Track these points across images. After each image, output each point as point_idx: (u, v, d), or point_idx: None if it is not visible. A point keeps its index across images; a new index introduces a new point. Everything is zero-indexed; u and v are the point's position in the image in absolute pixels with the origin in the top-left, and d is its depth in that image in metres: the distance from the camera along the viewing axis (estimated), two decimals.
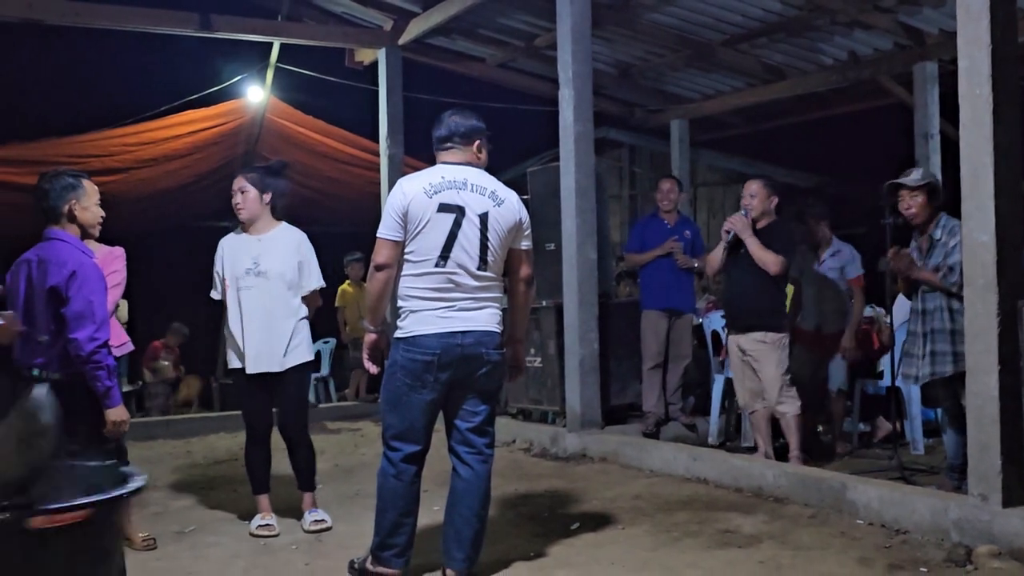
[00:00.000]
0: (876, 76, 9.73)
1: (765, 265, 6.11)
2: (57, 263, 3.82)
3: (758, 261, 6.13)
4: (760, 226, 6.26)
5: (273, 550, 4.88)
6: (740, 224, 6.24)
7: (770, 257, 6.11)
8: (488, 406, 4.27)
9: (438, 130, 4.30)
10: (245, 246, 5.24)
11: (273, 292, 5.17)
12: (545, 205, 7.79)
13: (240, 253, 5.22)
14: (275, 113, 11.33)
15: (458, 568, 4.15)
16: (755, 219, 6.27)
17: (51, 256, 3.86)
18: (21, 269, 3.92)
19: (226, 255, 5.25)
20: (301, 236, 5.34)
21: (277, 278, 5.16)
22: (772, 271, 6.11)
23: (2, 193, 10.37)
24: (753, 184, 6.40)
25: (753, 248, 6.16)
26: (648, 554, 4.54)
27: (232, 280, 5.17)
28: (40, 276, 3.82)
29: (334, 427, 9.24)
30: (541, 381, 7.97)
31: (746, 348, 6.25)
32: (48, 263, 3.83)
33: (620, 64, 10.79)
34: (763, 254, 6.12)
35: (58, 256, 3.86)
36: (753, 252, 6.15)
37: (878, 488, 5.06)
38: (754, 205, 6.29)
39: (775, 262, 6.10)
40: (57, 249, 3.90)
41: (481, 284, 4.15)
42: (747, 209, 6.29)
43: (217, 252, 5.31)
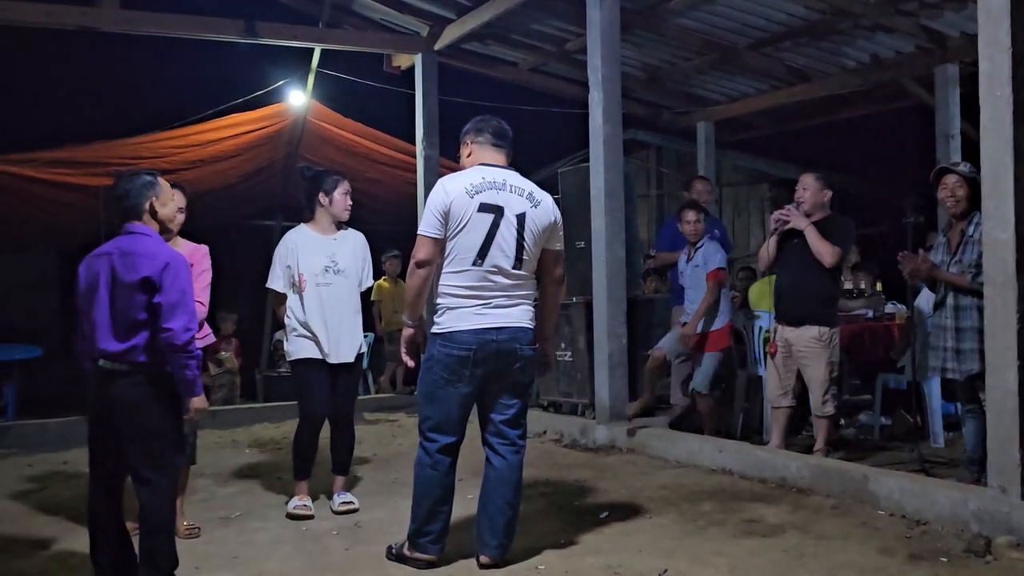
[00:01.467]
0: (898, 78, 9.79)
1: (821, 256, 5.97)
2: (146, 255, 3.86)
3: (814, 251, 5.99)
4: (814, 219, 6.12)
5: (315, 536, 5.02)
6: (795, 217, 6.12)
7: (826, 248, 5.97)
8: (521, 399, 4.40)
9: (480, 127, 4.41)
10: (320, 244, 5.48)
11: (349, 288, 5.48)
12: (575, 204, 7.93)
13: (315, 251, 5.45)
14: (316, 116, 11.49)
15: (491, 554, 4.28)
16: (807, 213, 6.14)
17: (137, 249, 3.89)
18: (101, 261, 3.92)
19: (300, 251, 5.45)
20: (363, 237, 5.66)
21: (353, 276, 5.49)
22: (827, 262, 5.99)
23: (57, 192, 10.64)
24: (807, 177, 6.23)
25: (812, 237, 6.01)
26: (675, 542, 4.63)
27: (310, 276, 5.39)
28: (126, 268, 3.85)
29: (372, 418, 9.41)
30: (571, 375, 8.11)
31: (795, 343, 6.14)
32: (135, 256, 3.86)
33: (648, 67, 10.89)
34: (821, 245, 5.98)
35: (146, 249, 3.90)
36: (811, 241, 6.00)
37: (899, 480, 5.13)
38: (807, 198, 6.15)
39: (831, 253, 5.97)
40: (142, 242, 3.93)
41: (516, 282, 4.27)
42: (799, 202, 6.17)
43: (284, 246, 5.51)
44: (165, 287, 3.82)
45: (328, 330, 5.40)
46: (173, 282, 3.83)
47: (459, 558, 4.40)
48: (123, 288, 3.84)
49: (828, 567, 4.17)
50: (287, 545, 4.85)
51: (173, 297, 3.82)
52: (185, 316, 3.85)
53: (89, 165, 10.32)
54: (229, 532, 5.13)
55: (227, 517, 5.46)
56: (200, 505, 5.65)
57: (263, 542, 4.91)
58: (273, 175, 12.57)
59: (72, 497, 6.00)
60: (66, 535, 5.08)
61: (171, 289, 3.83)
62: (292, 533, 5.10)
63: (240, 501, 5.90)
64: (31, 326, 11.67)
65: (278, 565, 4.47)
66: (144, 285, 3.82)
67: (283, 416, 5.78)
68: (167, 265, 3.83)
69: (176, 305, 3.82)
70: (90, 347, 3.92)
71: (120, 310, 3.84)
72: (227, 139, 11.06)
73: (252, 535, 5.06)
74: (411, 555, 4.34)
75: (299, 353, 5.45)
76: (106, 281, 3.87)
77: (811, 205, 6.17)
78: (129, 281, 3.83)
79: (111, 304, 3.85)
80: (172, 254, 3.92)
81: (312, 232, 5.54)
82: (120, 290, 3.85)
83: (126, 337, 3.82)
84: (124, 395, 3.84)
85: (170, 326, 3.80)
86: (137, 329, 3.83)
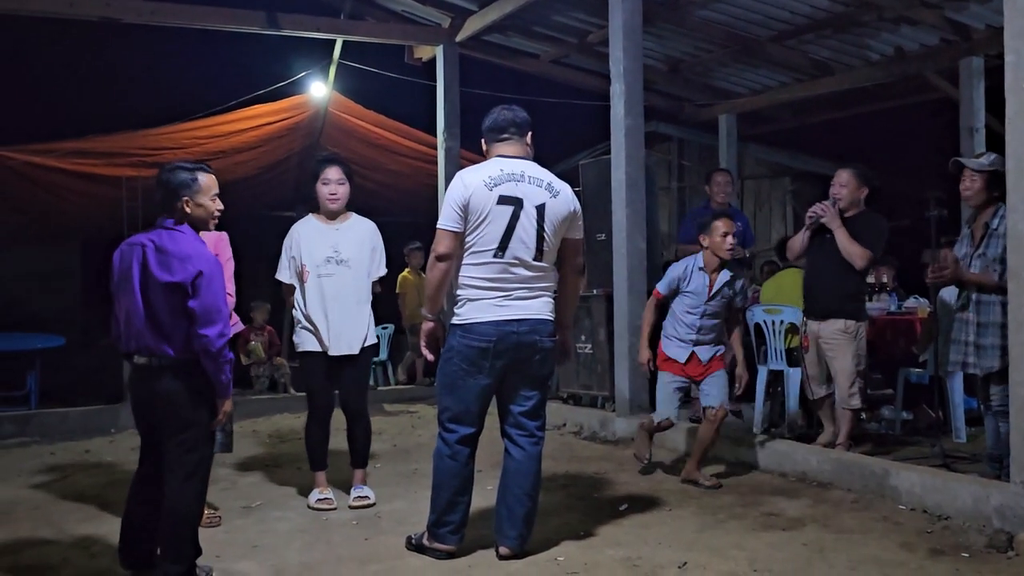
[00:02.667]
0: (922, 71, 9.71)
1: (851, 258, 5.90)
2: (180, 257, 3.86)
3: (844, 254, 5.92)
4: (848, 215, 6.04)
5: (334, 525, 5.04)
6: (829, 215, 6.02)
7: (857, 250, 5.89)
8: (540, 391, 4.40)
9: (494, 123, 4.39)
10: (322, 234, 5.45)
11: (355, 278, 5.42)
12: (596, 197, 7.93)
13: (317, 241, 5.42)
14: (337, 107, 11.52)
15: (510, 545, 4.29)
16: (843, 209, 6.05)
17: (172, 248, 3.89)
18: (135, 252, 3.92)
19: (303, 242, 5.44)
20: (373, 226, 5.58)
21: (357, 265, 5.40)
22: (858, 266, 5.92)
23: (80, 183, 10.71)
24: (844, 173, 6.11)
25: (841, 240, 5.93)
26: (694, 535, 4.63)
27: (312, 267, 5.37)
28: (160, 267, 3.86)
29: (392, 409, 9.48)
30: (591, 367, 8.11)
31: (822, 336, 6.11)
32: (170, 255, 3.87)
33: (670, 60, 10.87)
34: (851, 247, 5.90)
35: (180, 250, 3.90)
36: (841, 244, 5.93)
37: (920, 474, 5.11)
38: (844, 195, 6.04)
39: (861, 256, 5.89)
40: (177, 241, 3.93)
41: (536, 274, 4.27)
42: (836, 199, 6.07)
43: (289, 238, 5.51)
44: (200, 293, 3.85)
45: (328, 322, 5.37)
46: (208, 288, 3.86)
47: (478, 549, 4.41)
48: (155, 286, 3.87)
49: (848, 561, 4.16)
50: (307, 535, 4.87)
51: (208, 303, 3.86)
52: (221, 322, 3.89)
53: (112, 156, 10.39)
54: (249, 521, 5.16)
55: (248, 506, 5.49)
56: (221, 494, 5.68)
57: (283, 531, 4.94)
58: (294, 166, 12.61)
59: (93, 485, 6.05)
60: (88, 523, 5.12)
61: (206, 295, 3.85)
62: (312, 523, 5.12)
63: (260, 490, 5.94)
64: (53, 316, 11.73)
65: (298, 555, 4.49)
66: (177, 288, 3.85)
67: (303, 407, 5.83)
68: (201, 273, 3.85)
69: (211, 311, 3.85)
70: (125, 338, 3.96)
71: (153, 306, 3.88)
72: (249, 130, 11.12)
73: (272, 524, 5.09)
74: (431, 545, 4.36)
75: (303, 345, 5.47)
76: (138, 274, 3.90)
77: (848, 202, 6.07)
78: (162, 281, 3.86)
79: (144, 299, 3.89)
80: (207, 259, 3.93)
81: (316, 222, 5.53)
82: (152, 287, 3.88)
83: (165, 334, 3.86)
84: (164, 388, 3.91)
85: (206, 333, 3.83)
86: (175, 328, 3.87)
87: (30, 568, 4.31)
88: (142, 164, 10.22)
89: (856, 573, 3.99)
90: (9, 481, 6.35)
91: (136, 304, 3.89)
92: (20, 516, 5.35)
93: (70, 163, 10.33)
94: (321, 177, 5.45)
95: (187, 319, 3.85)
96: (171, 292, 3.85)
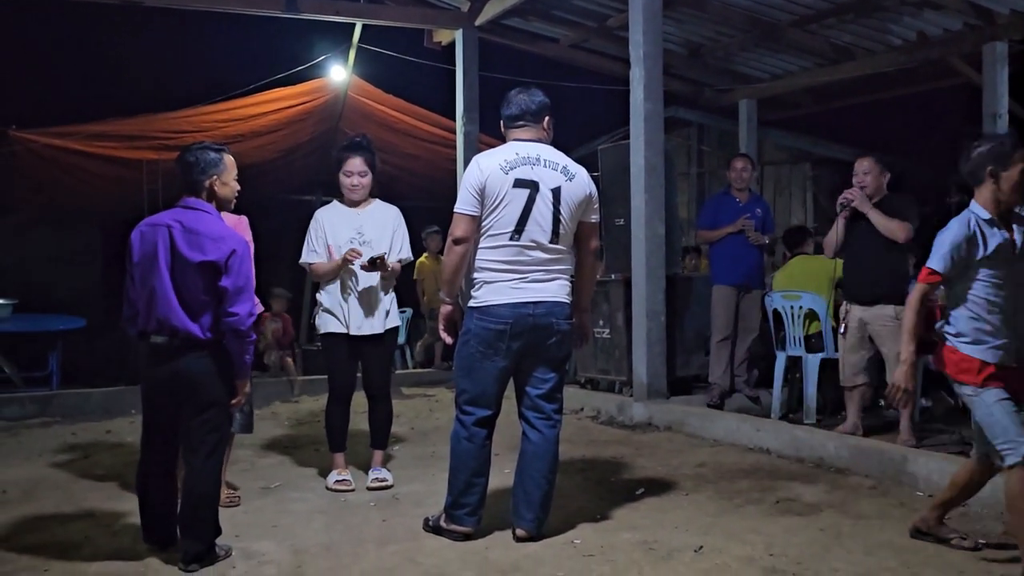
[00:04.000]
0: (945, 56, 9.62)
1: (893, 234, 5.97)
2: (213, 237, 3.89)
3: (885, 232, 5.99)
4: (874, 201, 6.14)
5: (353, 506, 5.08)
6: (859, 199, 6.10)
7: (896, 224, 5.98)
8: (557, 374, 4.41)
9: (508, 108, 4.41)
10: (346, 218, 5.48)
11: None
12: (615, 182, 7.91)
13: (341, 224, 5.46)
14: (357, 91, 11.53)
15: (527, 527, 4.30)
16: (869, 195, 6.15)
17: (201, 228, 3.91)
18: (159, 232, 3.94)
19: (327, 225, 5.47)
20: (397, 211, 5.61)
21: (380, 247, 5.41)
22: (901, 238, 5.99)
23: (101, 165, 10.78)
24: (865, 161, 6.22)
25: (877, 219, 6.01)
26: (711, 519, 4.62)
27: (336, 249, 5.40)
28: (190, 246, 3.88)
29: (410, 393, 9.52)
30: (609, 352, 8.12)
31: (870, 323, 6.12)
32: (200, 235, 3.89)
33: (690, 44, 10.82)
34: (889, 223, 5.99)
35: (211, 230, 3.92)
36: (878, 223, 6.01)
37: (939, 461, 5.10)
38: (868, 183, 6.15)
39: (902, 228, 5.98)
40: (204, 221, 3.95)
41: (552, 256, 4.28)
42: (862, 187, 6.16)
43: (315, 222, 5.53)
44: (232, 272, 3.89)
45: (350, 303, 5.42)
46: (240, 267, 3.90)
47: (495, 531, 4.43)
48: (185, 266, 3.90)
49: (865, 546, 4.15)
50: (325, 515, 4.90)
51: (240, 282, 3.91)
52: (249, 301, 3.95)
53: (132, 139, 10.46)
54: (268, 502, 5.19)
55: (267, 487, 5.53)
56: (241, 475, 5.72)
57: (301, 512, 4.97)
58: (313, 150, 12.64)
59: (114, 464, 6.11)
60: (109, 501, 5.17)
61: (238, 274, 3.90)
62: (330, 504, 5.15)
63: (279, 472, 5.98)
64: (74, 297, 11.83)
65: (316, 535, 4.52)
66: (209, 267, 3.88)
67: (321, 389, 5.89)
68: (234, 251, 3.89)
69: (242, 290, 3.90)
70: (144, 318, 3.99)
71: (182, 287, 3.91)
72: (268, 114, 11.15)
73: (291, 505, 5.13)
74: (447, 527, 4.38)
75: (325, 327, 5.49)
76: (166, 255, 3.93)
77: (873, 189, 6.16)
78: (193, 260, 3.89)
79: (172, 279, 3.91)
80: (238, 239, 3.97)
81: (340, 206, 5.56)
82: (181, 267, 3.91)
83: (193, 314, 3.90)
84: (191, 368, 3.94)
85: (236, 311, 3.88)
86: (203, 308, 3.91)
87: (53, 545, 4.35)
88: (162, 147, 10.28)
89: (873, 558, 3.98)
90: (32, 460, 6.43)
91: (164, 284, 3.91)
92: (43, 494, 5.40)
93: (91, 146, 10.40)
94: (344, 167, 5.47)
95: (216, 298, 3.89)
96: (203, 271, 3.88)
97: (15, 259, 11.97)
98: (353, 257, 5.30)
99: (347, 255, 5.30)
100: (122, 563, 4.06)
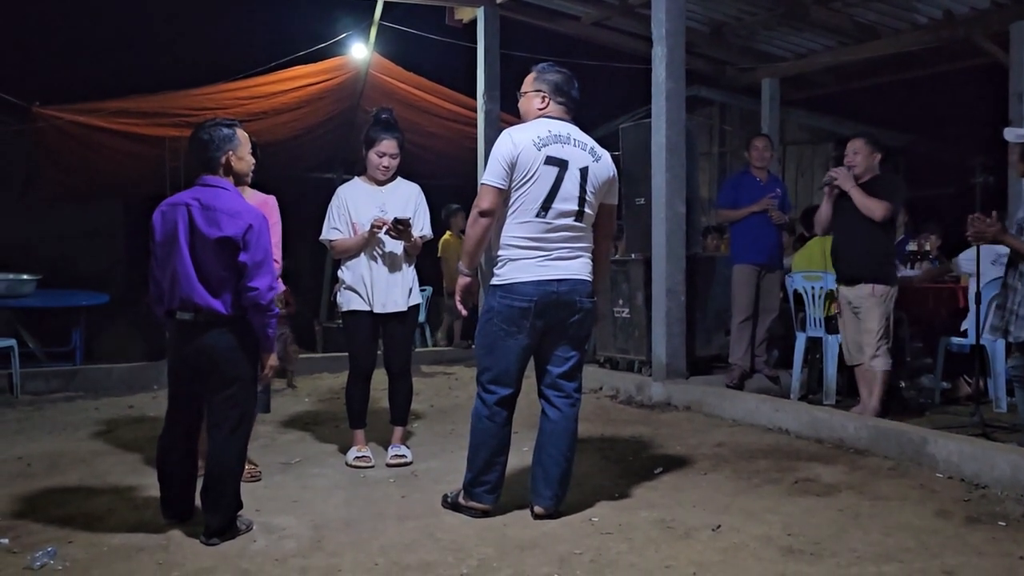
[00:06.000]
0: (971, 35, 9.52)
1: (870, 212, 6.11)
2: (229, 212, 3.91)
3: (863, 209, 6.13)
4: (863, 181, 6.26)
5: (372, 482, 5.11)
6: (842, 176, 6.26)
7: (874, 203, 6.11)
8: (578, 352, 4.40)
9: (559, 82, 4.37)
10: (368, 195, 5.49)
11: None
12: (636, 161, 7.88)
13: (364, 201, 5.47)
14: (378, 69, 11.52)
15: (545, 505, 4.32)
16: (859, 175, 6.27)
17: (218, 204, 3.93)
18: (178, 212, 3.96)
19: (350, 202, 5.48)
20: (418, 188, 5.63)
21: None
22: (878, 216, 6.11)
23: (123, 142, 10.82)
24: (856, 142, 6.37)
25: (857, 197, 6.16)
26: (729, 499, 4.62)
27: (360, 227, 5.41)
28: (208, 223, 3.90)
29: (429, 371, 9.56)
30: (629, 332, 8.12)
31: (852, 300, 6.29)
32: (217, 211, 3.91)
33: (713, 22, 10.74)
34: (867, 201, 6.13)
35: (228, 205, 3.94)
36: (857, 201, 6.16)
37: (959, 443, 5.06)
38: (858, 162, 6.30)
39: (880, 207, 6.10)
40: (222, 197, 3.97)
41: (576, 234, 4.28)
42: (851, 167, 6.30)
43: (337, 199, 5.54)
44: (251, 246, 3.90)
45: (374, 281, 5.43)
46: (258, 241, 3.91)
47: (514, 508, 4.45)
48: (204, 243, 3.92)
49: (883, 527, 4.14)
50: (345, 491, 4.94)
51: (259, 256, 3.92)
52: (269, 275, 3.96)
53: (154, 115, 10.49)
54: (289, 477, 5.24)
55: (287, 463, 5.58)
56: (261, 451, 5.76)
57: (321, 487, 5.01)
58: (334, 128, 12.65)
59: (137, 439, 6.17)
60: (132, 475, 5.23)
61: (256, 248, 3.91)
62: (350, 480, 5.19)
63: (300, 448, 6.03)
64: (97, 273, 11.94)
65: (336, 510, 4.56)
66: (227, 243, 3.90)
67: (341, 366, 5.93)
68: (251, 226, 3.91)
69: (261, 264, 3.92)
70: (169, 297, 4.02)
71: (203, 264, 3.93)
72: (290, 91, 11.16)
73: (311, 480, 5.17)
74: (466, 504, 4.40)
75: (347, 305, 5.51)
76: (185, 233, 3.95)
77: (862, 168, 6.29)
78: (211, 237, 3.90)
79: (193, 257, 3.94)
80: (255, 213, 3.98)
81: (362, 184, 5.58)
82: (201, 245, 3.93)
83: (214, 291, 3.93)
84: (214, 344, 3.97)
85: (256, 285, 3.90)
86: (224, 284, 3.93)
87: (78, 518, 4.40)
88: (184, 124, 10.29)
89: (891, 540, 3.97)
90: (56, 434, 6.50)
91: (185, 263, 3.94)
92: (67, 468, 5.47)
93: (114, 122, 10.44)
94: (376, 147, 5.47)
95: (236, 274, 3.91)
96: (222, 248, 3.90)
97: (39, 235, 12.09)
98: (380, 225, 5.32)
99: (374, 224, 5.32)
100: (145, 535, 4.11)
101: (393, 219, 5.28)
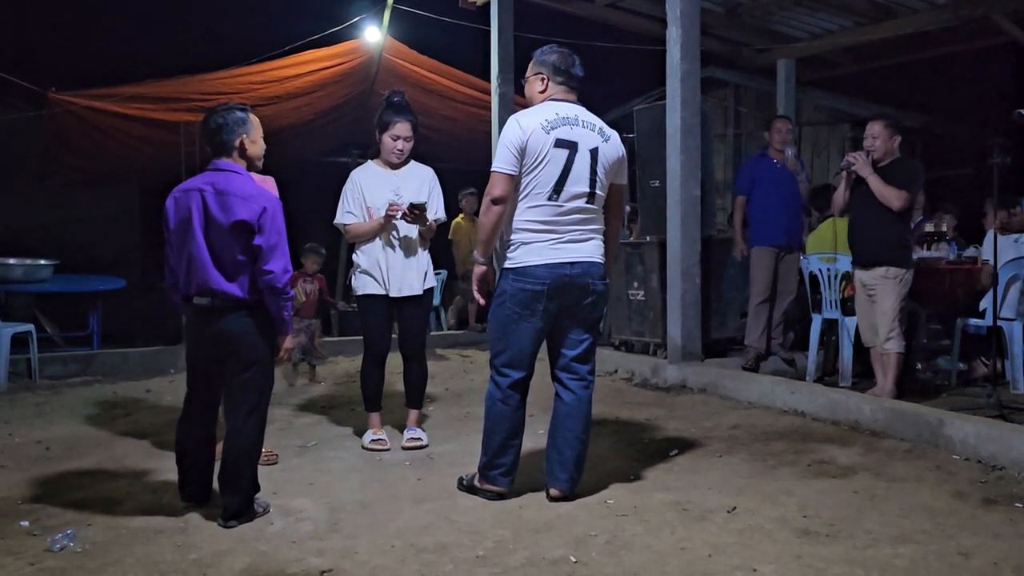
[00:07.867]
0: (989, 14, 9.42)
1: (887, 201, 6.07)
2: (242, 196, 3.92)
3: (880, 197, 6.09)
4: (884, 164, 6.22)
5: (388, 465, 5.13)
6: (860, 162, 6.20)
7: (891, 192, 6.07)
8: (591, 334, 4.41)
9: (562, 63, 4.35)
10: (382, 178, 5.50)
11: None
12: (651, 143, 7.86)
13: (378, 185, 5.48)
14: (391, 53, 11.50)
15: (560, 487, 4.33)
16: (877, 160, 6.23)
17: (231, 188, 3.94)
18: (192, 197, 3.97)
19: (364, 186, 5.50)
20: (432, 172, 5.63)
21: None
22: (895, 206, 6.08)
23: (138, 127, 10.83)
24: (875, 125, 6.29)
25: (875, 185, 6.12)
26: (744, 481, 4.62)
27: (375, 211, 5.43)
28: (221, 208, 3.91)
29: (444, 354, 9.58)
30: (643, 314, 8.11)
31: (867, 282, 6.28)
32: (230, 195, 3.92)
33: (728, 2, 10.66)
34: (884, 189, 6.08)
35: (241, 189, 3.95)
36: (875, 189, 6.11)
37: (975, 424, 5.04)
38: (876, 146, 6.23)
39: (897, 196, 6.06)
40: (234, 181, 3.98)
41: (588, 216, 4.27)
42: (870, 151, 6.24)
43: (351, 183, 5.55)
44: (265, 230, 3.92)
45: (390, 265, 5.45)
46: (272, 225, 3.93)
47: (529, 491, 4.46)
48: (218, 228, 3.93)
49: (899, 509, 4.13)
50: (361, 474, 4.96)
51: (273, 239, 3.93)
52: (283, 258, 3.97)
53: (169, 100, 10.50)
54: (305, 460, 5.26)
55: (303, 446, 5.61)
56: (278, 434, 5.80)
57: (338, 470, 5.03)
58: (348, 112, 12.64)
59: (154, 423, 6.21)
60: (150, 459, 5.27)
61: (270, 232, 3.93)
62: (366, 463, 5.21)
63: (316, 431, 6.05)
64: (114, 258, 12.00)
65: (352, 493, 4.58)
66: (242, 227, 3.91)
67: (357, 350, 5.95)
68: (265, 209, 3.92)
69: (275, 247, 3.93)
70: (185, 282, 4.04)
71: (218, 249, 3.94)
72: (304, 75, 11.14)
73: (327, 463, 5.19)
74: (481, 487, 4.42)
75: (362, 288, 5.52)
76: (199, 219, 3.96)
77: (882, 152, 6.24)
78: (225, 222, 3.91)
79: (207, 242, 3.95)
80: (268, 197, 3.99)
81: (376, 167, 5.58)
82: (215, 230, 3.94)
83: (230, 275, 3.94)
84: (232, 329, 3.99)
85: (271, 268, 3.92)
86: (239, 268, 3.94)
87: (96, 501, 4.44)
88: (199, 109, 10.25)
89: (907, 521, 3.97)
90: (74, 418, 6.55)
91: (200, 249, 3.96)
92: (85, 451, 5.51)
93: (129, 108, 10.46)
94: (390, 131, 5.47)
95: (251, 258, 3.92)
96: (237, 232, 3.91)
97: (56, 220, 12.14)
98: (395, 211, 5.32)
99: (389, 210, 5.33)
100: (163, 518, 4.14)
101: (408, 204, 5.29)
